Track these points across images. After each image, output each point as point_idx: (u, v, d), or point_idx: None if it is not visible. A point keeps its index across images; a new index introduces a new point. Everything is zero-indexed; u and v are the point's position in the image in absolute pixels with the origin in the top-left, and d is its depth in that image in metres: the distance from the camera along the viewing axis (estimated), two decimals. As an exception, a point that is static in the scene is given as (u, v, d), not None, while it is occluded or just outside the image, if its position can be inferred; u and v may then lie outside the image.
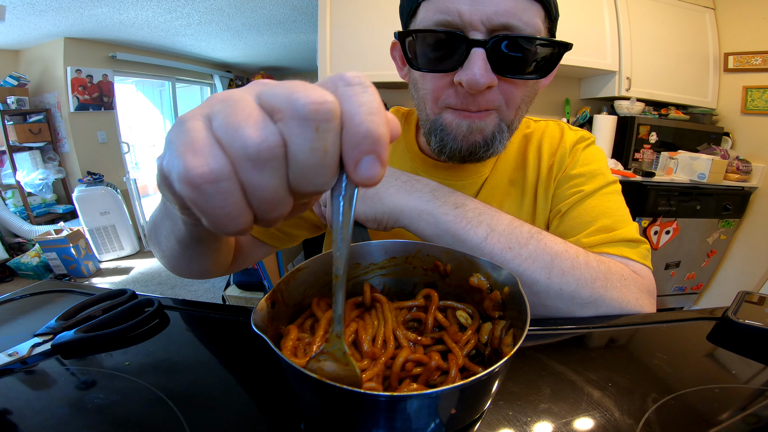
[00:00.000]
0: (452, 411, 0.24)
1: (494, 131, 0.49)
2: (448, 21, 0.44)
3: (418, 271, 0.38)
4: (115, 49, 3.63)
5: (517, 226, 0.45)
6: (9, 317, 0.43)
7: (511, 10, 0.43)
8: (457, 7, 0.43)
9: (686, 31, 2.24)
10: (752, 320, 0.37)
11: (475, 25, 0.44)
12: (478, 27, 0.44)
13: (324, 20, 2.11)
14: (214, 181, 0.17)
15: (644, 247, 0.53)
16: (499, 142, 0.50)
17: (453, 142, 0.50)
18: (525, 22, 0.44)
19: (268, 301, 0.28)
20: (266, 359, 0.35)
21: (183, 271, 0.51)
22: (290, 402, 0.30)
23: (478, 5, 0.43)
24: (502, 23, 0.43)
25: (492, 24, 0.43)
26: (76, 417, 0.27)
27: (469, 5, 0.43)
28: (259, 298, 1.15)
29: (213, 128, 0.18)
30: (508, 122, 0.50)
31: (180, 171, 0.17)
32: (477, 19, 0.43)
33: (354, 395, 0.21)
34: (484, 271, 0.34)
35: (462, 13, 0.43)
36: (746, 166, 2.15)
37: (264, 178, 0.17)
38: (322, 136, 0.17)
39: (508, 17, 0.43)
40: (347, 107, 0.17)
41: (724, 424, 0.27)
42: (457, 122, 0.49)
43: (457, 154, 0.51)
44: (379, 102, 0.18)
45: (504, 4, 0.43)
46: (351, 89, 0.18)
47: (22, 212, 3.32)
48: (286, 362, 0.22)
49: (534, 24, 0.45)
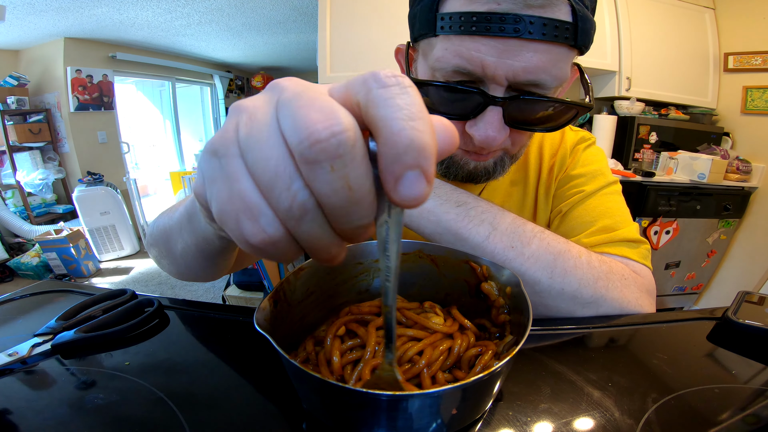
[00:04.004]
0: (453, 411, 0.24)
1: (497, 163, 0.49)
2: (469, 70, 0.39)
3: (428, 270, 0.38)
4: (115, 49, 3.62)
5: (520, 225, 0.45)
6: (9, 317, 0.43)
7: (543, 66, 0.38)
8: (482, 59, 0.38)
9: (686, 31, 2.24)
10: (752, 320, 0.37)
11: (498, 79, 0.39)
12: (500, 82, 0.39)
13: (324, 20, 2.11)
14: (272, 245, 0.17)
15: (644, 248, 0.53)
16: (499, 172, 0.50)
17: (457, 171, 0.50)
18: (554, 76, 0.39)
19: (270, 301, 0.28)
20: (266, 359, 0.35)
21: (193, 277, 0.48)
22: (291, 402, 0.30)
23: (507, 58, 0.38)
24: (529, 80, 0.39)
25: (517, 81, 0.39)
26: (76, 417, 0.27)
27: (496, 58, 0.38)
28: (259, 298, 1.17)
29: (256, 181, 0.16)
30: (511, 156, 0.50)
31: (239, 237, 0.17)
32: (501, 73, 0.38)
33: (356, 394, 0.21)
34: (489, 273, 0.35)
35: (486, 66, 0.38)
36: (746, 166, 2.14)
37: (307, 230, 0.17)
38: (339, 174, 0.15)
39: (537, 74, 0.38)
40: (383, 113, 0.15)
41: (724, 424, 0.27)
42: (465, 160, 0.48)
43: (459, 179, 0.51)
44: (422, 105, 0.16)
45: (536, 59, 0.37)
46: (386, 91, 0.15)
47: (22, 212, 3.32)
48: (288, 361, 0.22)
49: (563, 76, 0.41)
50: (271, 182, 0.16)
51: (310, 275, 0.34)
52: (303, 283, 0.33)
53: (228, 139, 0.17)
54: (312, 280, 0.34)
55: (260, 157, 0.16)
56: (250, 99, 0.18)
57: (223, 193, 0.17)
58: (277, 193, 0.16)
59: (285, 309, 0.31)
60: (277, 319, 0.29)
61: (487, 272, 0.35)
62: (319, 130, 0.15)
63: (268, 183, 0.16)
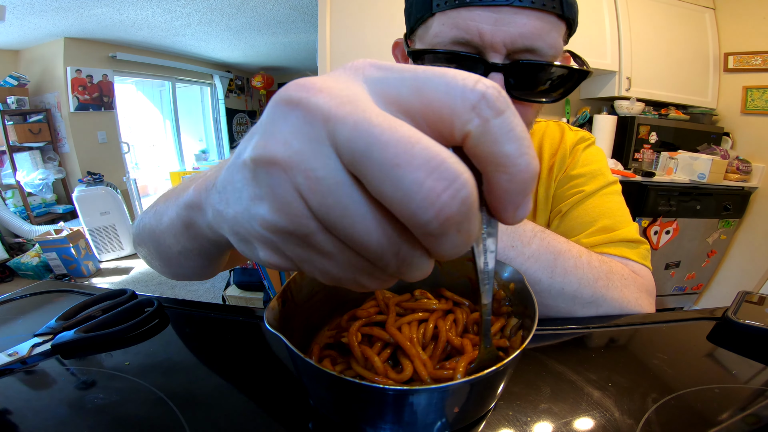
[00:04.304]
0: (456, 408, 0.24)
1: None
2: (467, 40, 0.41)
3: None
4: (115, 49, 3.63)
5: (520, 224, 0.45)
6: (9, 317, 0.43)
7: (537, 32, 0.40)
8: (478, 27, 0.40)
9: (686, 31, 2.25)
10: (752, 320, 0.37)
11: (496, 47, 0.40)
12: (498, 49, 0.41)
13: (324, 20, 2.11)
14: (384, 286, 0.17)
15: (644, 248, 0.53)
16: None
17: None
18: (549, 44, 0.41)
19: (279, 300, 0.29)
20: (266, 359, 0.35)
21: (187, 276, 0.43)
22: (291, 401, 0.30)
23: (502, 26, 0.40)
24: (526, 46, 0.40)
25: (515, 46, 0.40)
26: (76, 417, 0.27)
27: (492, 25, 0.40)
28: (259, 298, 1.17)
29: (358, 252, 0.15)
30: None
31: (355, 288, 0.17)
32: (499, 40, 0.40)
33: (365, 389, 0.22)
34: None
35: (483, 33, 0.40)
36: (746, 166, 2.15)
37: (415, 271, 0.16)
38: (464, 234, 0.13)
39: (533, 40, 0.40)
40: (509, 150, 0.13)
41: (724, 424, 0.27)
42: None
43: None
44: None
45: (530, 25, 0.40)
46: (505, 122, 0.13)
47: (22, 212, 3.32)
48: (302, 359, 0.22)
49: (557, 45, 0.42)
50: (376, 257, 0.15)
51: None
52: (308, 282, 0.34)
53: (296, 215, 0.14)
54: (316, 280, 0.34)
55: (356, 235, 0.14)
56: (279, 145, 0.14)
57: (328, 267, 0.16)
58: (386, 261, 0.15)
59: (292, 308, 0.31)
60: (284, 318, 0.29)
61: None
62: (446, 202, 0.12)
63: (374, 257, 0.15)
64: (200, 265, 0.35)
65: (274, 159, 0.14)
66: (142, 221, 0.39)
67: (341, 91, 0.14)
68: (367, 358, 0.27)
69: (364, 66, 0.15)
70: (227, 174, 0.17)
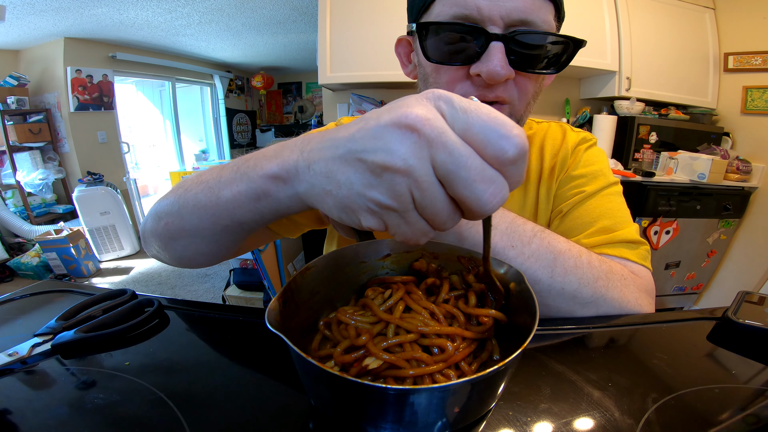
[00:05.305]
0: (457, 408, 0.24)
1: None
2: (466, 15, 0.45)
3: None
4: (115, 49, 3.63)
5: (520, 224, 0.45)
6: (9, 317, 0.43)
7: (530, 7, 0.44)
8: (476, 2, 0.44)
9: (686, 31, 2.24)
10: (752, 320, 0.37)
11: (494, 19, 0.44)
12: (496, 21, 0.44)
13: (324, 20, 2.11)
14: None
15: (644, 249, 0.53)
16: None
17: None
18: (542, 19, 0.45)
19: (279, 300, 0.29)
20: (266, 359, 0.35)
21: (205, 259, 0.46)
22: (291, 401, 0.30)
23: (497, 1, 0.44)
24: (521, 19, 0.44)
25: (511, 19, 0.44)
26: (76, 417, 0.27)
27: (489, 1, 0.44)
28: (259, 298, 1.16)
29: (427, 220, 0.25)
30: (518, 117, 0.50)
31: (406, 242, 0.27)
32: (496, 14, 0.44)
33: (365, 388, 0.22)
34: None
35: (481, 8, 0.44)
36: (746, 166, 2.14)
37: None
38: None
39: (527, 13, 0.44)
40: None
41: (724, 424, 0.27)
42: None
43: None
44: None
45: (522, 0, 0.44)
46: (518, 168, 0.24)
47: (22, 212, 3.32)
48: (305, 360, 0.22)
49: (549, 21, 0.46)
50: (440, 224, 0.25)
51: (316, 275, 0.34)
52: (309, 282, 0.34)
53: (404, 202, 0.24)
54: (317, 279, 0.35)
55: (436, 214, 0.24)
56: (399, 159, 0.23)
57: (406, 229, 0.26)
58: (444, 228, 0.25)
59: (293, 309, 0.31)
60: (285, 318, 0.29)
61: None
62: (497, 202, 0.23)
63: (439, 225, 0.25)
64: (238, 239, 0.41)
65: (395, 168, 0.23)
66: (184, 201, 0.40)
67: (436, 122, 0.23)
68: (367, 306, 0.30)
69: (435, 97, 0.24)
70: (333, 166, 0.26)
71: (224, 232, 0.38)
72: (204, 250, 0.43)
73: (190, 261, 0.46)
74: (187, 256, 0.45)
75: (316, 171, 0.27)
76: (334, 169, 0.26)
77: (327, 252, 0.76)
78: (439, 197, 0.23)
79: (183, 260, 0.46)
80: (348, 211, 0.26)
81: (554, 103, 2.49)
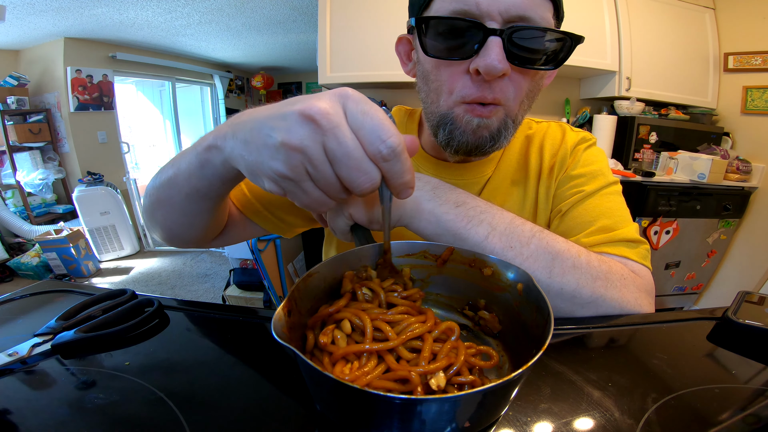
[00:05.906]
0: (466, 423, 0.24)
1: (500, 127, 0.50)
2: (465, 10, 0.45)
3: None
4: (115, 49, 3.63)
5: (519, 224, 0.45)
6: (9, 317, 0.43)
7: (528, 4, 0.45)
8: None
9: (686, 31, 2.24)
10: (752, 320, 0.37)
11: (492, 15, 0.45)
12: (495, 17, 0.45)
13: (324, 20, 2.11)
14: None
15: (644, 248, 0.53)
16: (504, 137, 0.51)
17: (461, 136, 0.50)
18: (540, 16, 0.45)
19: (284, 310, 0.28)
20: (266, 359, 0.35)
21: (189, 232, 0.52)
22: (292, 402, 0.30)
23: None
24: (519, 15, 0.45)
25: (509, 15, 0.45)
26: (76, 417, 0.27)
27: None
28: (259, 298, 1.16)
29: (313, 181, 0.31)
30: (513, 117, 0.50)
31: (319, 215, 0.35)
32: (495, 9, 0.44)
33: (372, 397, 0.22)
34: (495, 268, 0.35)
35: (480, 3, 0.44)
36: (746, 166, 2.14)
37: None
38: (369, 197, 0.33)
39: (525, 10, 0.45)
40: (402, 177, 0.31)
41: (724, 424, 0.27)
42: (468, 118, 0.49)
43: (464, 147, 0.51)
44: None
45: None
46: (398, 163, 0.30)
47: (22, 212, 3.32)
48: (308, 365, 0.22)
49: (547, 19, 0.47)
50: (333, 194, 0.31)
51: (318, 281, 0.34)
52: (311, 289, 0.33)
53: (299, 173, 0.30)
54: (319, 287, 0.34)
55: (328, 186, 0.31)
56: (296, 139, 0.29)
57: (303, 197, 0.31)
58: (335, 198, 0.32)
59: (297, 318, 0.31)
60: (290, 328, 0.29)
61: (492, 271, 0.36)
62: (367, 188, 0.30)
63: (332, 195, 0.31)
64: (202, 209, 0.47)
65: (292, 145, 0.29)
66: (161, 177, 0.48)
67: (334, 117, 0.28)
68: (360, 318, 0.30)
69: (345, 96, 0.30)
70: (251, 136, 0.31)
71: (187, 200, 0.46)
72: (178, 220, 0.50)
73: (170, 232, 0.53)
74: (167, 226, 0.52)
75: (238, 138, 0.33)
76: (248, 139, 0.31)
77: (326, 253, 0.76)
78: (328, 173, 0.29)
79: (165, 232, 0.53)
80: (254, 175, 0.32)
81: (554, 103, 2.49)
